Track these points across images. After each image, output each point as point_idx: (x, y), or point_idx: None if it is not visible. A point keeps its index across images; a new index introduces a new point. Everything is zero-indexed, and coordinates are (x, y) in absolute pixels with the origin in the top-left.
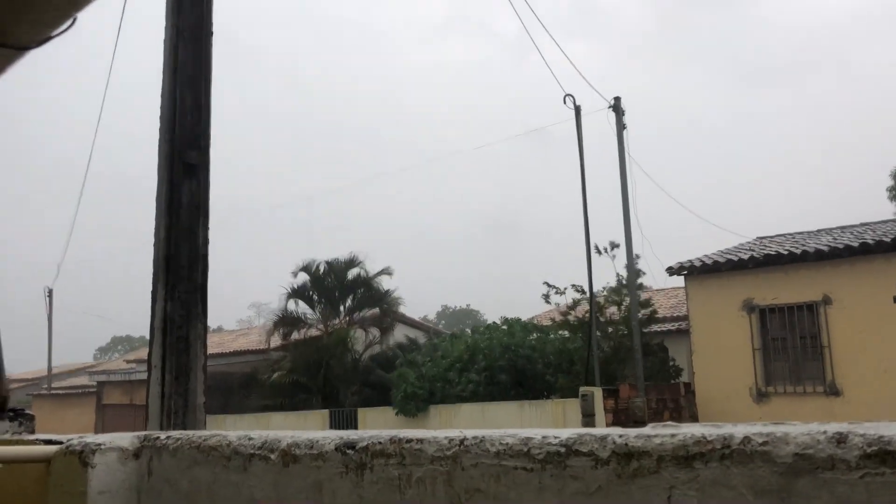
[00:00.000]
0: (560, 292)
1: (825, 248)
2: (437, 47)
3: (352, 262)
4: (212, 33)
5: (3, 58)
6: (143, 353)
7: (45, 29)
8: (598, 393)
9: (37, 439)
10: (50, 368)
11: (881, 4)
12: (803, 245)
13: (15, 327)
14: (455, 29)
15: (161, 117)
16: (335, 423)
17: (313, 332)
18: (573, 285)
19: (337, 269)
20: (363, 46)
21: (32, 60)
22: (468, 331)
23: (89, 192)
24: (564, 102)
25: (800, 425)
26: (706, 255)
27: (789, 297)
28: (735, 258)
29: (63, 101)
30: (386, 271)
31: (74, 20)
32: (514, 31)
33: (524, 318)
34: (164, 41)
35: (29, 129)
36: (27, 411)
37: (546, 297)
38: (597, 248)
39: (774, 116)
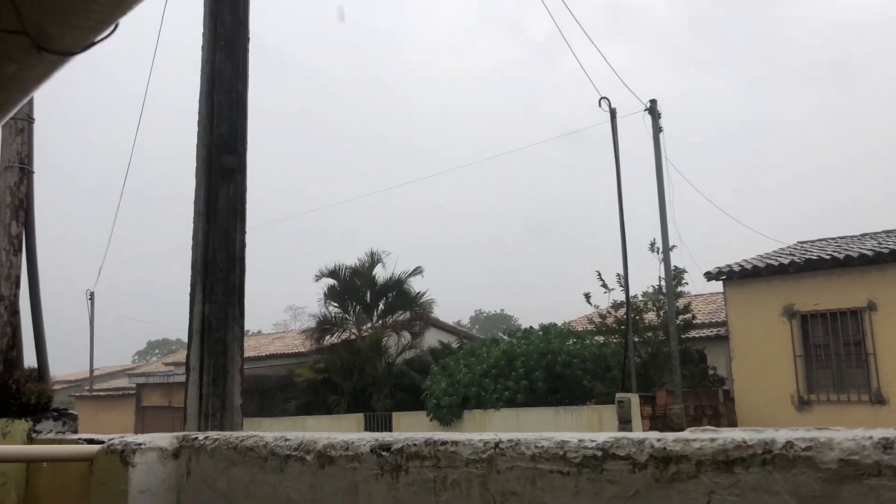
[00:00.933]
0: (608, 289)
1: (869, 253)
2: (467, 52)
3: (374, 261)
4: (248, 40)
5: (47, 64)
6: (181, 355)
7: (87, 34)
8: (634, 399)
9: (79, 439)
10: (92, 370)
11: None
12: (846, 250)
13: (57, 330)
14: (485, 33)
15: (199, 122)
16: (369, 427)
17: (347, 335)
18: (618, 276)
19: (363, 272)
20: (392, 54)
21: (75, 66)
22: (504, 336)
23: (129, 196)
24: (600, 105)
25: (844, 431)
26: (745, 260)
27: (832, 302)
28: (775, 263)
29: (101, 105)
30: (417, 271)
31: (117, 26)
32: (544, 34)
33: (558, 322)
34: (202, 48)
35: (72, 130)
36: (70, 411)
37: (588, 296)
38: (651, 245)
39: (813, 117)
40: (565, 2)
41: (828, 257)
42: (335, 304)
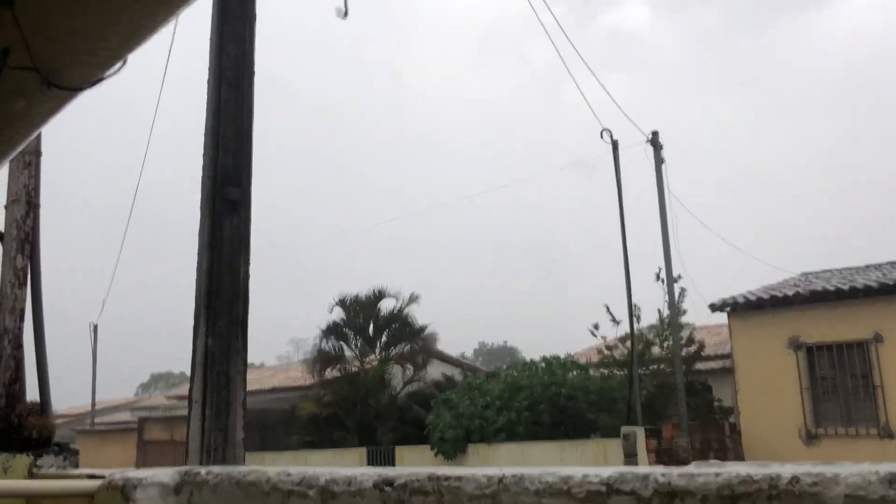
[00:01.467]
0: (617, 322)
1: (874, 284)
2: (469, 81)
3: (380, 294)
4: (253, 73)
5: (56, 99)
6: (183, 389)
7: (96, 70)
8: (640, 433)
9: (80, 474)
10: (94, 404)
11: None
12: (851, 281)
13: (60, 363)
14: (487, 62)
15: (204, 154)
16: (372, 461)
17: (350, 368)
18: (633, 305)
19: (368, 304)
20: (393, 85)
21: (81, 101)
22: (505, 369)
23: (134, 227)
24: (602, 137)
25: (851, 465)
26: (750, 292)
27: (838, 334)
28: (780, 294)
29: (108, 134)
30: (413, 299)
31: (125, 61)
32: (546, 63)
33: (561, 354)
34: (207, 81)
35: (76, 163)
36: (72, 446)
37: (595, 328)
38: (657, 275)
39: (814, 148)
40: (566, 32)
41: (833, 289)
42: (338, 337)
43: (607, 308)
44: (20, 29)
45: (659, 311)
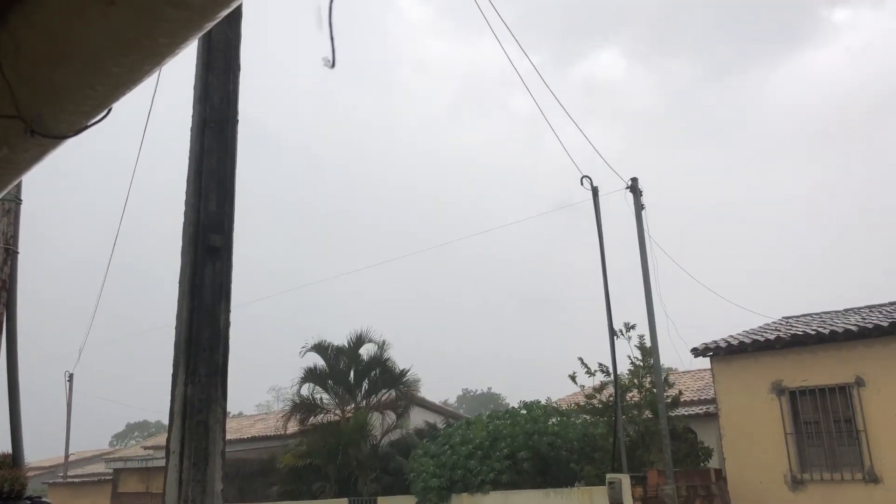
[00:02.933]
0: (591, 373)
1: (854, 328)
2: (450, 129)
3: (360, 340)
4: (237, 122)
5: (39, 147)
6: (160, 439)
7: (81, 119)
8: (625, 480)
9: None
10: (67, 455)
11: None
12: (831, 325)
13: (32, 413)
14: (466, 110)
15: (186, 201)
16: None
17: (330, 416)
18: (600, 365)
19: (349, 350)
20: (377, 132)
21: (64, 149)
22: (484, 416)
23: (113, 275)
24: (581, 184)
25: None
26: (731, 336)
27: (820, 378)
28: (761, 338)
29: (85, 180)
30: (386, 345)
31: (110, 110)
32: (526, 110)
33: (543, 401)
34: (191, 128)
35: (52, 212)
36: (44, 499)
37: (573, 378)
38: (620, 331)
39: (791, 194)
40: (546, 82)
41: (813, 332)
42: (318, 385)
43: (581, 360)
44: (5, 77)
45: (629, 357)
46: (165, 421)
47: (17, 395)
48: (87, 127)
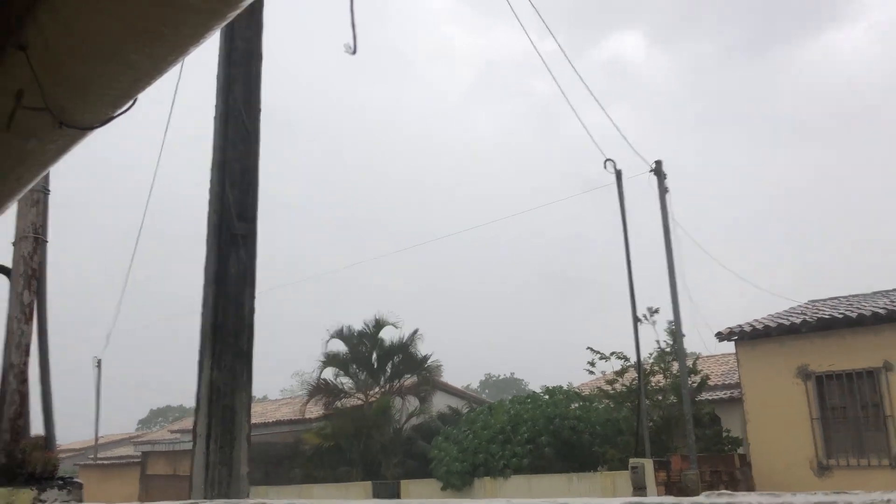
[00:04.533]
0: (605, 358)
1: (882, 311)
2: (467, 115)
3: (380, 324)
4: (259, 110)
5: (67, 138)
6: (186, 422)
7: (107, 110)
8: (648, 465)
9: None
10: (97, 438)
11: None
12: (859, 308)
13: (62, 397)
14: (483, 96)
15: (210, 190)
16: (378, 496)
17: (353, 401)
18: (614, 353)
19: (370, 335)
20: (394, 119)
21: (90, 139)
22: (506, 401)
23: (139, 260)
24: (605, 167)
25: (862, 494)
26: (756, 320)
27: (847, 363)
28: (787, 322)
29: (111, 168)
30: (415, 336)
31: (135, 100)
32: (544, 95)
33: (565, 386)
34: (214, 118)
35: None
36: (76, 480)
37: (591, 365)
38: (635, 315)
39: (815, 176)
40: (571, 62)
41: (840, 316)
42: (341, 369)
43: (591, 349)
44: (34, 71)
45: (657, 342)
46: (189, 406)
47: (49, 381)
48: (113, 117)
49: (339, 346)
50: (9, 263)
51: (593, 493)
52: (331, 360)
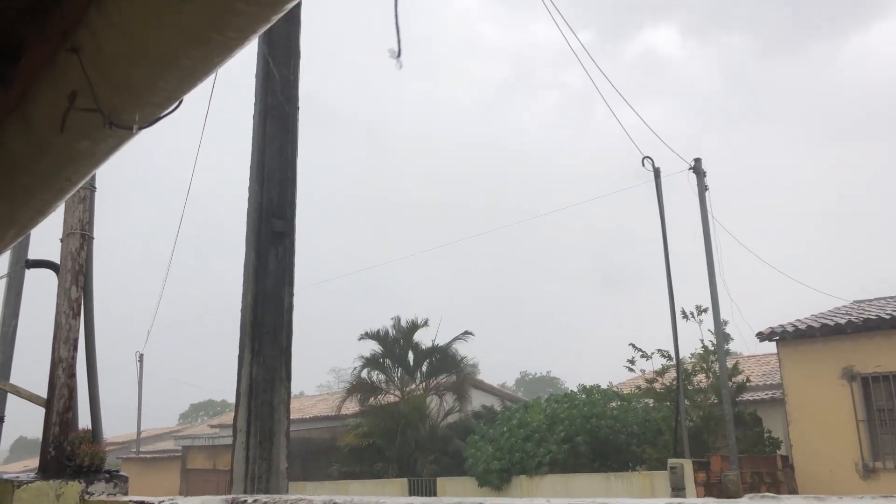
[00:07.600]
0: (647, 357)
1: None
2: (506, 110)
3: (415, 325)
4: (297, 109)
5: (116, 138)
6: (226, 417)
7: (154, 110)
8: (687, 465)
9: (130, 500)
10: (139, 432)
11: None
12: None
13: (106, 391)
14: (519, 92)
15: (249, 188)
16: (413, 493)
17: (389, 398)
18: (659, 350)
19: (406, 334)
20: (434, 115)
21: (136, 140)
22: (542, 400)
23: (180, 256)
24: (643, 165)
25: None
26: (799, 320)
27: (894, 364)
28: (831, 323)
29: (154, 163)
30: (462, 337)
31: (181, 101)
32: (578, 89)
33: (604, 386)
34: (253, 116)
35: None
36: (121, 473)
37: (631, 363)
38: (682, 312)
39: (858, 174)
40: (598, 65)
41: (888, 317)
42: (377, 367)
43: (633, 346)
44: (86, 73)
45: (701, 341)
46: (230, 400)
47: (96, 374)
48: (160, 118)
49: (376, 346)
50: (57, 259)
51: (631, 493)
52: (369, 361)
